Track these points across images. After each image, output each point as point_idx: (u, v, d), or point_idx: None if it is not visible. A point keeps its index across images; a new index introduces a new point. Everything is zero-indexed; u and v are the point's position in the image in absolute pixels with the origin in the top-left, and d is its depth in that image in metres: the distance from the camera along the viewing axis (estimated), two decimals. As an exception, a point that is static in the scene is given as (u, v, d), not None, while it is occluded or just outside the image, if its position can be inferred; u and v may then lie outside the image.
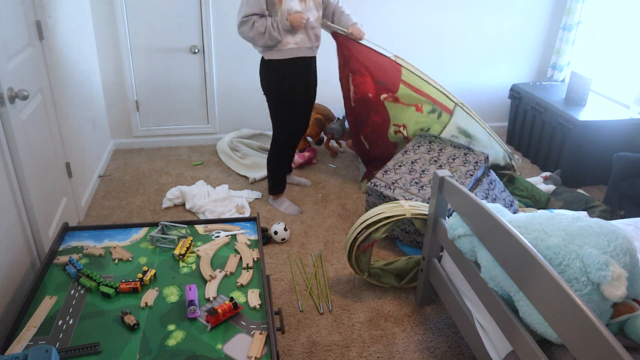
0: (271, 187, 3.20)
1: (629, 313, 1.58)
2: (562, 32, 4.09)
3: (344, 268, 2.69)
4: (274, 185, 3.19)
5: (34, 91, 2.37)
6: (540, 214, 1.79)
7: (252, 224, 2.15)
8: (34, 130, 2.34)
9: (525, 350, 1.54)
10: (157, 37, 3.66)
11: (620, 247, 1.57)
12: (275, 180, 3.17)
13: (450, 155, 2.98)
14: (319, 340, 2.22)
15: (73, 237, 2.03)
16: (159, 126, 3.97)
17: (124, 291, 1.74)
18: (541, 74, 4.43)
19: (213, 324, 1.60)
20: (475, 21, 4.09)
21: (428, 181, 2.83)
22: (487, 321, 1.83)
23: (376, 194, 2.86)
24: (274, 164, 3.13)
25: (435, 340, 2.25)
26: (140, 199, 3.26)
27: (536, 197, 3.21)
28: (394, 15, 3.94)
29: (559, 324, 1.36)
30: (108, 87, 3.75)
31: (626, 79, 3.78)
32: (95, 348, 1.51)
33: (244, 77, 3.92)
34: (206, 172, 3.63)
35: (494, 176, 2.92)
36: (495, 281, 1.74)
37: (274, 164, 3.13)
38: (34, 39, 2.43)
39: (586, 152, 3.49)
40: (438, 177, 2.06)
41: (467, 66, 4.26)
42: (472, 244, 1.87)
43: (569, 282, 1.52)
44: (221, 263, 1.91)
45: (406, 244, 2.82)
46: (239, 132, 4.01)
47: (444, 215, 2.18)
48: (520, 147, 4.15)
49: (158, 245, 2.00)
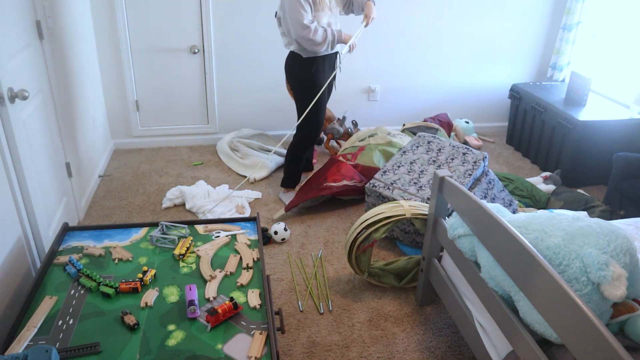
0: (285, 179, 3.29)
1: (629, 313, 1.58)
2: (562, 32, 4.09)
3: (344, 268, 2.69)
4: (287, 178, 3.27)
5: (34, 91, 2.37)
6: (540, 214, 1.79)
7: (252, 224, 2.15)
8: (34, 130, 2.34)
9: (525, 350, 1.54)
10: (157, 37, 3.66)
11: (620, 247, 1.57)
12: (291, 173, 3.26)
13: (448, 155, 2.98)
14: (319, 340, 2.22)
15: (73, 237, 2.03)
16: (159, 126, 3.97)
17: (124, 291, 1.74)
18: (541, 74, 4.43)
19: (213, 324, 1.60)
20: (476, 21, 4.09)
21: (427, 181, 2.83)
22: (487, 321, 1.83)
23: (375, 194, 2.86)
24: (294, 158, 3.21)
25: (435, 340, 2.25)
26: (140, 199, 3.26)
27: (536, 197, 3.22)
28: (394, 16, 3.94)
29: (559, 324, 1.36)
30: (108, 87, 3.75)
31: (626, 79, 3.77)
32: (95, 348, 1.51)
33: (244, 77, 3.92)
34: (206, 172, 3.63)
35: (493, 175, 2.92)
36: (495, 281, 1.74)
37: (293, 157, 3.21)
38: (34, 39, 2.43)
39: (586, 152, 3.49)
40: (438, 177, 2.06)
41: (467, 66, 4.26)
42: (472, 244, 1.87)
43: (569, 282, 1.52)
44: (221, 263, 1.91)
45: (406, 244, 2.82)
46: (239, 132, 4.01)
47: (444, 215, 2.18)
48: (520, 147, 4.15)
49: (158, 245, 2.00)
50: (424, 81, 4.26)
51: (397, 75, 4.18)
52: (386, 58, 4.09)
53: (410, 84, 4.24)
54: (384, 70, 4.12)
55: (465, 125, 4.23)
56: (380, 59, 4.09)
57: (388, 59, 4.08)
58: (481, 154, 2.96)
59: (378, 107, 4.28)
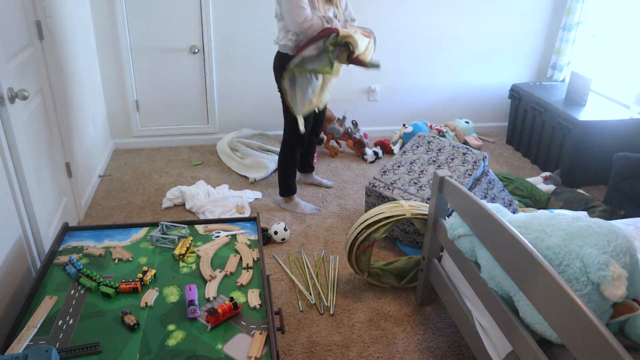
0: (280, 189, 3.14)
1: (629, 313, 1.58)
2: (562, 32, 4.09)
3: (344, 268, 2.69)
4: (281, 187, 3.12)
5: (34, 91, 2.37)
6: (540, 214, 1.79)
7: (252, 224, 2.15)
8: (34, 130, 2.34)
9: (525, 350, 1.54)
10: (157, 37, 3.66)
11: (620, 247, 1.57)
12: (283, 181, 3.10)
13: (448, 155, 2.98)
14: (319, 340, 2.22)
15: (73, 237, 2.03)
16: (159, 126, 3.97)
17: (124, 291, 1.74)
18: (541, 74, 4.43)
19: (213, 324, 1.60)
20: (476, 21, 4.09)
21: (427, 181, 2.83)
22: (487, 321, 1.83)
23: (375, 194, 2.86)
24: (283, 165, 3.06)
25: (435, 340, 2.25)
26: (140, 199, 3.26)
27: (536, 197, 3.22)
28: (394, 16, 3.94)
29: (559, 324, 1.36)
30: (108, 87, 3.75)
31: (626, 79, 3.77)
32: (95, 348, 1.51)
33: (244, 77, 3.92)
34: (206, 172, 3.63)
35: (493, 176, 2.92)
36: (495, 281, 1.74)
37: (282, 165, 3.06)
38: (34, 39, 2.43)
39: (586, 152, 3.49)
40: (438, 177, 2.06)
41: (467, 66, 4.26)
42: (472, 244, 1.87)
43: (569, 282, 1.52)
44: (221, 263, 1.91)
45: (406, 244, 2.82)
46: (239, 132, 4.00)
47: (444, 215, 2.18)
48: (520, 147, 4.15)
49: (158, 245, 2.00)
50: (424, 81, 4.26)
51: (397, 75, 4.18)
52: (386, 58, 4.08)
53: (410, 84, 4.24)
54: (384, 70, 4.12)
55: (465, 125, 4.23)
56: (380, 59, 4.08)
57: (388, 59, 4.08)
58: (481, 154, 2.96)
59: (378, 107, 4.28)
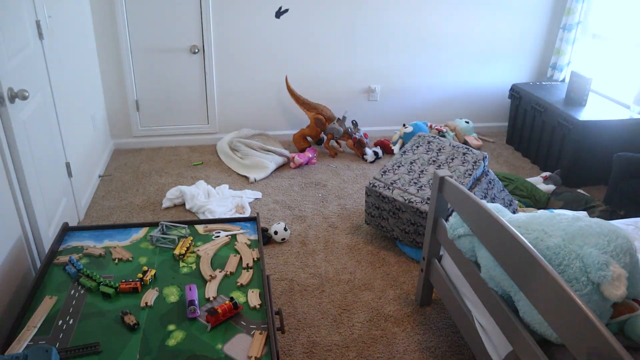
0: None
1: (629, 313, 1.58)
2: (562, 32, 4.09)
3: (344, 268, 2.69)
4: None
5: (34, 91, 2.37)
6: (540, 214, 1.79)
7: (252, 224, 2.15)
8: (34, 130, 2.34)
9: (525, 350, 1.54)
10: (157, 37, 3.66)
11: (620, 247, 1.57)
12: None
13: (448, 155, 2.98)
14: (319, 340, 2.22)
15: (73, 237, 2.03)
16: (159, 126, 3.97)
17: (124, 291, 1.74)
18: (541, 74, 4.43)
19: (213, 324, 1.60)
20: (476, 21, 4.09)
21: (427, 181, 2.83)
22: (487, 321, 1.83)
23: (375, 194, 2.86)
24: None
25: (435, 340, 2.25)
26: (140, 199, 3.26)
27: (536, 197, 3.22)
28: (394, 16, 3.94)
29: (559, 324, 1.36)
30: (108, 87, 3.75)
31: (626, 79, 3.77)
32: (95, 348, 1.51)
33: (244, 77, 3.92)
34: (206, 172, 3.63)
35: (493, 175, 2.92)
36: (495, 281, 1.74)
37: None
38: (34, 39, 2.43)
39: (586, 152, 3.49)
40: (438, 177, 2.06)
41: (467, 66, 4.26)
42: (472, 244, 1.87)
43: (569, 282, 1.52)
44: (221, 263, 1.91)
45: (406, 244, 2.82)
46: (239, 132, 4.01)
47: (444, 215, 2.18)
48: (520, 147, 4.15)
49: (158, 245, 2.00)
50: (424, 81, 4.26)
51: (397, 75, 4.18)
52: (386, 58, 4.09)
53: (410, 84, 4.24)
54: (384, 70, 4.13)
55: (465, 125, 4.23)
56: (380, 59, 4.09)
57: (388, 59, 4.08)
58: (481, 154, 2.96)
59: (378, 107, 4.28)
